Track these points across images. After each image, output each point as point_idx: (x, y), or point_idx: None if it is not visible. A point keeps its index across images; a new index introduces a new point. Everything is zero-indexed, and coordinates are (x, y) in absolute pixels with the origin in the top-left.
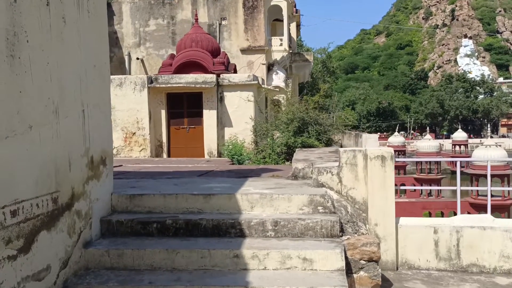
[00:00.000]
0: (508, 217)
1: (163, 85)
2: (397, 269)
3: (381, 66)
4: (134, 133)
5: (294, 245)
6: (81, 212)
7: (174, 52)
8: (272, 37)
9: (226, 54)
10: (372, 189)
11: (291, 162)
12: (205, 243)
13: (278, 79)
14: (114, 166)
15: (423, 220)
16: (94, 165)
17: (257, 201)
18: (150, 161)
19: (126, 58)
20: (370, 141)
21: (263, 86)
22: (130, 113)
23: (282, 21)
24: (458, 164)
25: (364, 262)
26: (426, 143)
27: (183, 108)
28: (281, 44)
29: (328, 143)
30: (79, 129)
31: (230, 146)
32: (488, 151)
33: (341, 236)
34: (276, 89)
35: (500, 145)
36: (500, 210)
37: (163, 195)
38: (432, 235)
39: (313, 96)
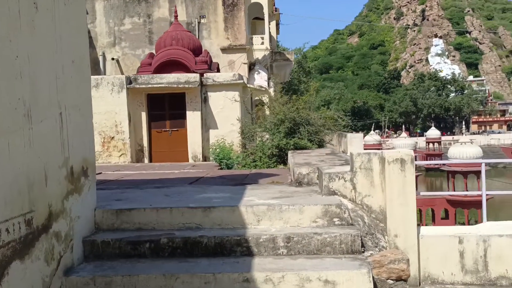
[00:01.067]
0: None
1: (143, 86)
2: (420, 284)
3: (355, 65)
4: (113, 137)
5: (311, 264)
6: (61, 233)
7: (152, 51)
8: (253, 36)
9: (208, 52)
10: (390, 196)
11: (284, 165)
12: (208, 265)
13: (261, 78)
14: None
15: (447, 229)
16: (75, 177)
17: (264, 213)
18: (131, 167)
19: (101, 58)
20: (356, 141)
21: (248, 85)
22: (108, 116)
23: (262, 19)
24: (483, 166)
25: (391, 281)
26: (402, 141)
27: (165, 109)
28: (262, 43)
29: (320, 144)
30: (56, 136)
31: (217, 150)
32: (463, 148)
33: (363, 252)
34: (262, 89)
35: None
36: (477, 206)
37: (155, 209)
38: (457, 245)
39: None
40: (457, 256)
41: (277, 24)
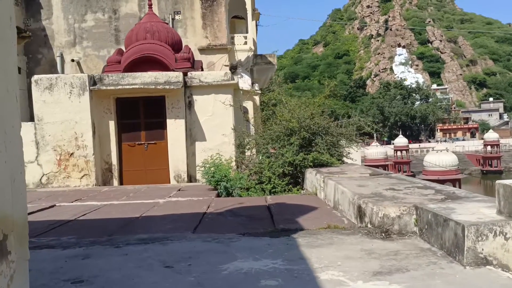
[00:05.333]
0: None
1: (111, 87)
2: None
3: (321, 75)
4: (72, 153)
5: None
6: None
7: (121, 48)
8: (235, 35)
9: (190, 48)
10: None
11: (301, 188)
12: None
13: (244, 83)
14: (42, 209)
15: None
16: None
17: None
18: (96, 194)
19: (58, 60)
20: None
21: (241, 88)
22: (66, 126)
23: (241, 18)
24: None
25: None
26: (374, 150)
27: (139, 117)
28: (245, 43)
29: (340, 158)
30: None
31: (212, 168)
32: (439, 156)
33: None
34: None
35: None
36: None
37: None
38: None
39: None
40: None
41: (256, 26)
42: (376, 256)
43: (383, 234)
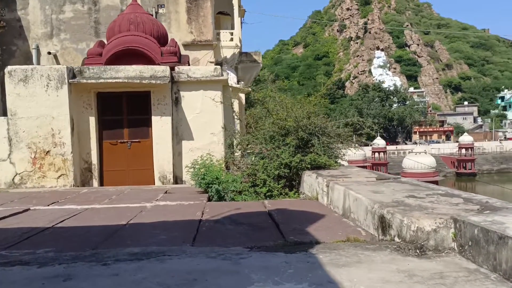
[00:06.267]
0: None
1: (92, 81)
2: None
3: (301, 76)
4: (48, 151)
5: None
6: None
7: (103, 40)
8: (221, 31)
9: (176, 42)
10: None
11: (297, 192)
12: None
13: (230, 81)
14: (14, 214)
15: None
16: None
17: None
18: (75, 196)
19: (34, 52)
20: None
21: (230, 84)
22: (42, 122)
23: (227, 14)
24: None
25: None
26: (353, 150)
27: (122, 114)
28: (231, 39)
29: (336, 160)
30: None
31: (202, 169)
32: (418, 158)
33: None
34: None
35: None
36: None
37: None
38: None
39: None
40: None
41: (241, 23)
42: (419, 280)
43: (418, 251)
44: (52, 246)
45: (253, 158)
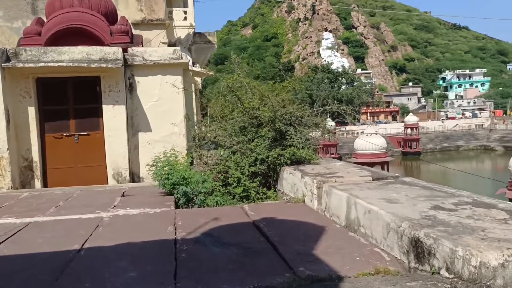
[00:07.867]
0: None
1: (31, 65)
2: None
3: (250, 57)
4: None
5: None
6: None
7: (42, 17)
8: (174, 9)
9: (128, 20)
10: None
11: (275, 190)
12: None
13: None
14: None
15: None
16: None
17: None
18: (14, 203)
19: None
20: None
21: (191, 68)
22: None
23: None
24: None
25: None
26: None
27: (68, 103)
28: (185, 18)
29: (314, 153)
30: None
31: (165, 168)
32: (370, 139)
33: None
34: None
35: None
36: None
37: None
38: None
39: None
40: None
41: (193, 1)
42: None
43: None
44: None
45: (222, 152)
